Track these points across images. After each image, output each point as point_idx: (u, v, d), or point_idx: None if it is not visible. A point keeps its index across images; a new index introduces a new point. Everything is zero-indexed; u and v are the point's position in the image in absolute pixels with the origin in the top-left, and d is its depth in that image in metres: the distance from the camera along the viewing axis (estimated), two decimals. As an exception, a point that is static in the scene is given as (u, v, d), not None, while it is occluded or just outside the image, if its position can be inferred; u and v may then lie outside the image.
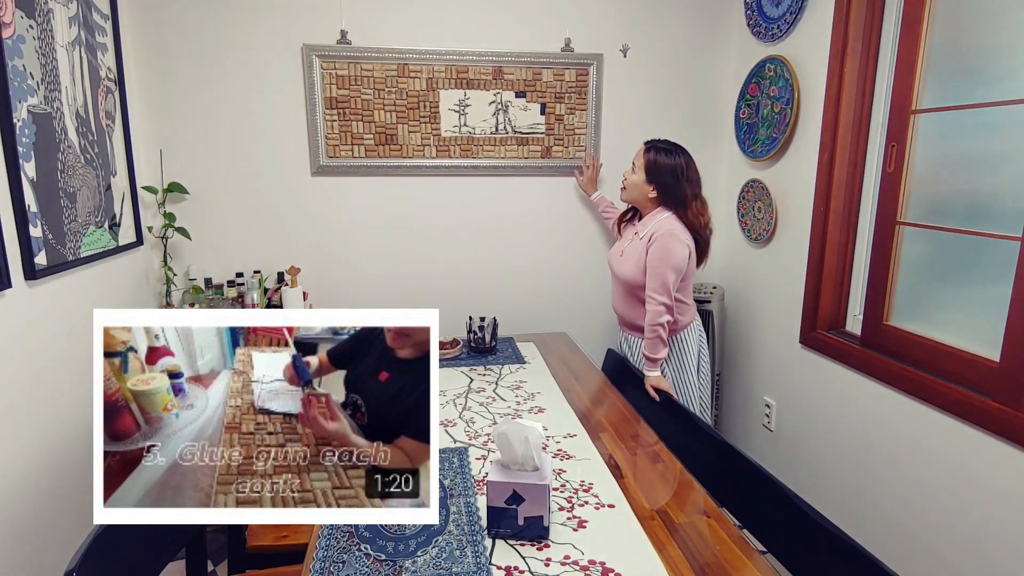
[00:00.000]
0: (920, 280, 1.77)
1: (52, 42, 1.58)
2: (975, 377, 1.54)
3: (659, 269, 1.84)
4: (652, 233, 1.89)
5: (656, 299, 1.84)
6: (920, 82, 1.71)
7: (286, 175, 2.35)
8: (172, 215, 2.22)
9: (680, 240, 1.85)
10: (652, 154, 1.92)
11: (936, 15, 1.66)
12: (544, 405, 1.72)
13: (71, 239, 1.63)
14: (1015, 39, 1.48)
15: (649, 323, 1.86)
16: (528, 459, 1.10)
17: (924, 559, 1.67)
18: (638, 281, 1.91)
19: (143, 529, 1.11)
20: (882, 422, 1.81)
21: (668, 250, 1.84)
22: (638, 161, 1.95)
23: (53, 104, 1.57)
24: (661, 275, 1.84)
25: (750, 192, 2.39)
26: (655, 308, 1.85)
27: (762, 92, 2.27)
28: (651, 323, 1.85)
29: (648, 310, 1.87)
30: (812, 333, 2.09)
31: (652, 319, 1.85)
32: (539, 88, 2.43)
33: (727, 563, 1.05)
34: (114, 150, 1.95)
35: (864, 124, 1.92)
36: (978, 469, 1.50)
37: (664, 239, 1.85)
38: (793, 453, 2.24)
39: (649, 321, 1.86)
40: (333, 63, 2.28)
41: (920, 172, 1.74)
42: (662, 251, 1.84)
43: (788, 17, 2.12)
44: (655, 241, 1.86)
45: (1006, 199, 1.50)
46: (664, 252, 1.84)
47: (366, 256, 2.47)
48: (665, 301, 1.84)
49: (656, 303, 1.84)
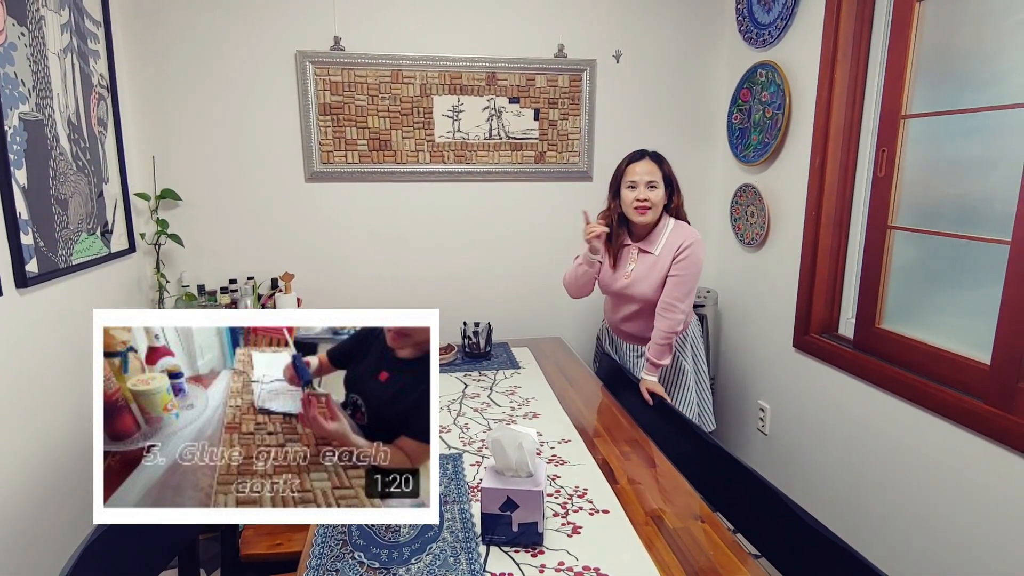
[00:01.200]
0: (911, 284, 1.78)
1: (44, 49, 1.57)
2: (966, 380, 1.55)
3: (688, 278, 1.81)
4: (680, 244, 1.81)
5: (679, 307, 1.81)
6: (910, 87, 1.72)
7: (280, 181, 2.35)
8: (165, 222, 2.22)
9: (703, 244, 1.85)
10: (659, 162, 1.87)
11: (925, 21, 1.68)
12: (538, 410, 1.72)
13: (63, 246, 1.62)
14: (1002, 44, 1.50)
15: (666, 330, 1.82)
16: (522, 465, 1.10)
17: (916, 561, 1.67)
18: (657, 298, 1.86)
19: (135, 537, 1.10)
20: (875, 425, 1.81)
21: (700, 257, 1.82)
22: (653, 176, 1.83)
23: (45, 111, 1.56)
24: (690, 284, 1.82)
25: (743, 197, 2.41)
26: (677, 317, 1.81)
27: (754, 97, 2.29)
28: (668, 331, 1.82)
29: (667, 318, 1.81)
30: (805, 337, 2.10)
31: (671, 327, 1.81)
32: (532, 94, 2.44)
33: (721, 567, 1.05)
34: (106, 157, 1.95)
35: (855, 129, 1.93)
36: (969, 471, 1.51)
37: (695, 248, 1.81)
38: (787, 457, 2.25)
39: (667, 329, 1.81)
40: (327, 69, 2.28)
41: (911, 176, 1.75)
42: (695, 259, 1.81)
43: (779, 23, 2.14)
44: (685, 251, 1.80)
45: (995, 203, 1.51)
46: (697, 261, 1.81)
47: (360, 262, 2.47)
48: (687, 309, 1.84)
49: (679, 311, 1.81)
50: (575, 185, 2.56)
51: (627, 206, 1.87)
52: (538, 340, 2.45)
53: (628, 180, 1.86)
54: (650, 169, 1.84)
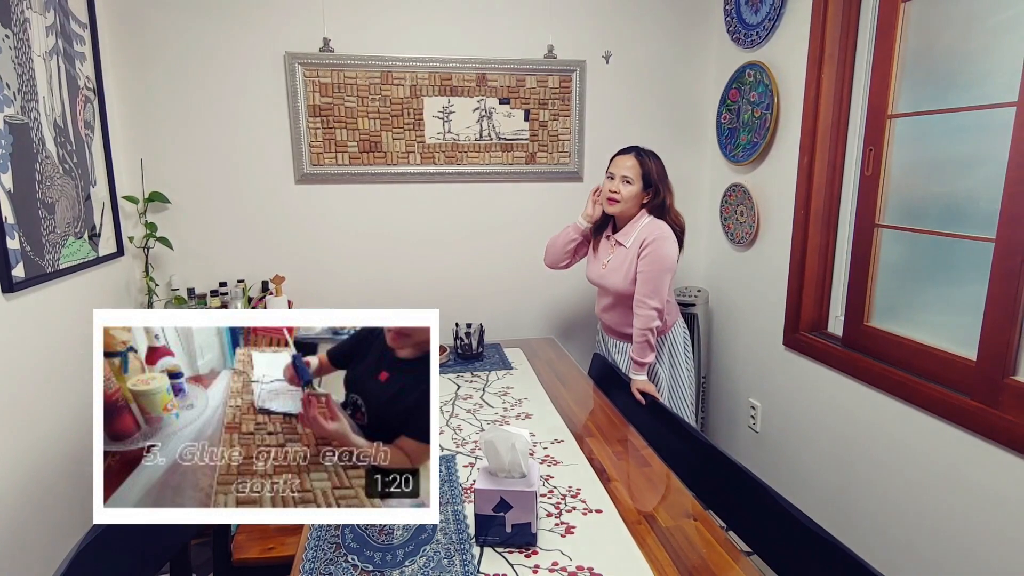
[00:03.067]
0: (899, 281, 1.80)
1: (28, 52, 1.56)
2: (953, 376, 1.57)
3: (653, 274, 1.85)
4: (644, 239, 1.87)
5: (648, 304, 1.85)
6: (895, 87, 1.74)
7: (270, 183, 2.34)
8: (154, 225, 2.20)
9: (671, 240, 1.87)
10: (643, 160, 1.91)
11: (909, 22, 1.70)
12: (531, 411, 1.72)
13: (50, 250, 1.61)
14: (985, 45, 1.52)
15: (640, 328, 1.86)
16: (515, 466, 1.10)
17: (905, 555, 1.69)
18: (629, 291, 1.91)
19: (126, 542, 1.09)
20: (864, 422, 1.83)
21: (662, 254, 1.85)
22: (630, 172, 1.90)
23: (30, 114, 1.55)
24: (655, 280, 1.85)
25: (732, 196, 2.42)
26: (647, 313, 1.85)
27: (742, 97, 2.30)
28: (642, 328, 1.85)
29: (639, 315, 1.86)
30: (795, 335, 2.11)
31: (644, 324, 1.85)
32: (523, 95, 2.45)
33: (713, 565, 1.06)
34: (93, 160, 1.93)
35: (842, 128, 1.95)
36: (957, 466, 1.53)
37: (657, 244, 1.85)
38: (778, 454, 2.27)
39: (640, 326, 1.86)
40: (316, 71, 2.27)
41: (897, 175, 1.77)
42: (657, 256, 1.84)
43: (767, 24, 2.15)
44: (648, 247, 1.85)
45: (980, 201, 1.53)
46: (659, 257, 1.84)
47: (351, 264, 2.46)
48: (657, 306, 1.85)
49: (648, 308, 1.85)
50: (566, 186, 2.57)
51: (603, 195, 1.97)
52: (530, 341, 2.45)
53: (609, 171, 1.96)
54: (630, 165, 1.91)
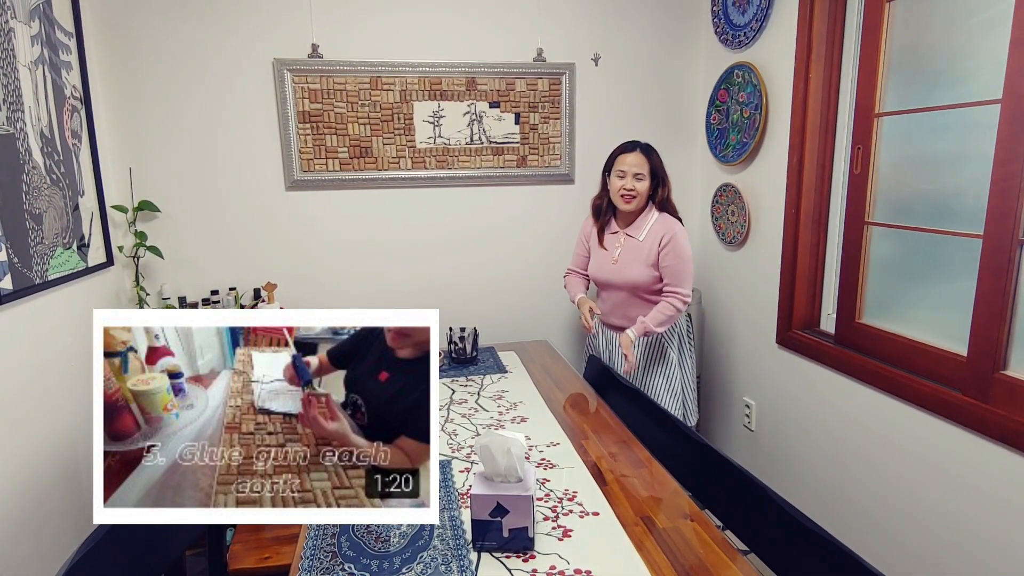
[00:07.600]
0: (889, 278, 1.81)
1: (14, 61, 1.54)
2: (944, 372, 1.58)
3: (682, 267, 1.94)
4: (661, 236, 1.94)
5: (680, 294, 1.95)
6: (882, 86, 1.76)
7: (260, 190, 2.33)
8: (143, 234, 2.18)
9: (685, 234, 1.98)
10: (649, 155, 1.98)
11: (895, 21, 1.72)
12: (526, 414, 1.72)
13: (38, 262, 1.59)
14: (970, 43, 1.53)
15: (668, 312, 1.94)
16: (511, 471, 1.10)
17: (900, 549, 1.70)
18: (645, 280, 1.98)
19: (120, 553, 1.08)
20: (858, 418, 1.84)
21: (683, 246, 1.95)
22: (641, 168, 1.95)
23: (16, 124, 1.53)
24: (686, 271, 1.95)
25: (723, 196, 2.43)
26: (679, 302, 1.95)
27: (731, 98, 2.32)
28: (671, 313, 1.95)
29: (672, 303, 1.95)
30: (788, 333, 2.13)
31: (676, 308, 1.95)
32: (513, 98, 2.45)
33: (711, 565, 1.06)
34: (81, 169, 1.92)
35: (831, 127, 1.96)
36: (949, 461, 1.54)
37: (676, 239, 1.94)
38: (774, 452, 2.27)
39: (669, 312, 1.95)
40: (305, 77, 2.27)
41: (885, 173, 1.79)
42: (680, 250, 1.94)
43: (754, 24, 2.17)
44: (668, 244, 1.93)
45: (967, 198, 1.55)
46: (681, 250, 1.94)
47: (343, 269, 2.45)
48: (688, 294, 1.96)
49: (681, 297, 1.95)
50: (557, 188, 2.57)
51: (614, 193, 2.00)
52: (524, 344, 2.45)
53: (618, 169, 1.99)
54: (639, 161, 1.96)
